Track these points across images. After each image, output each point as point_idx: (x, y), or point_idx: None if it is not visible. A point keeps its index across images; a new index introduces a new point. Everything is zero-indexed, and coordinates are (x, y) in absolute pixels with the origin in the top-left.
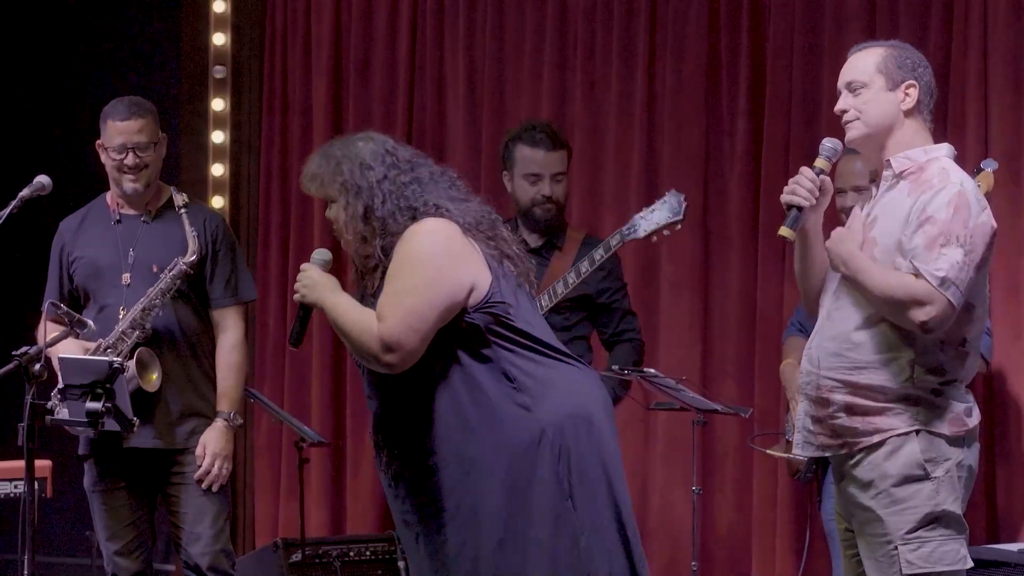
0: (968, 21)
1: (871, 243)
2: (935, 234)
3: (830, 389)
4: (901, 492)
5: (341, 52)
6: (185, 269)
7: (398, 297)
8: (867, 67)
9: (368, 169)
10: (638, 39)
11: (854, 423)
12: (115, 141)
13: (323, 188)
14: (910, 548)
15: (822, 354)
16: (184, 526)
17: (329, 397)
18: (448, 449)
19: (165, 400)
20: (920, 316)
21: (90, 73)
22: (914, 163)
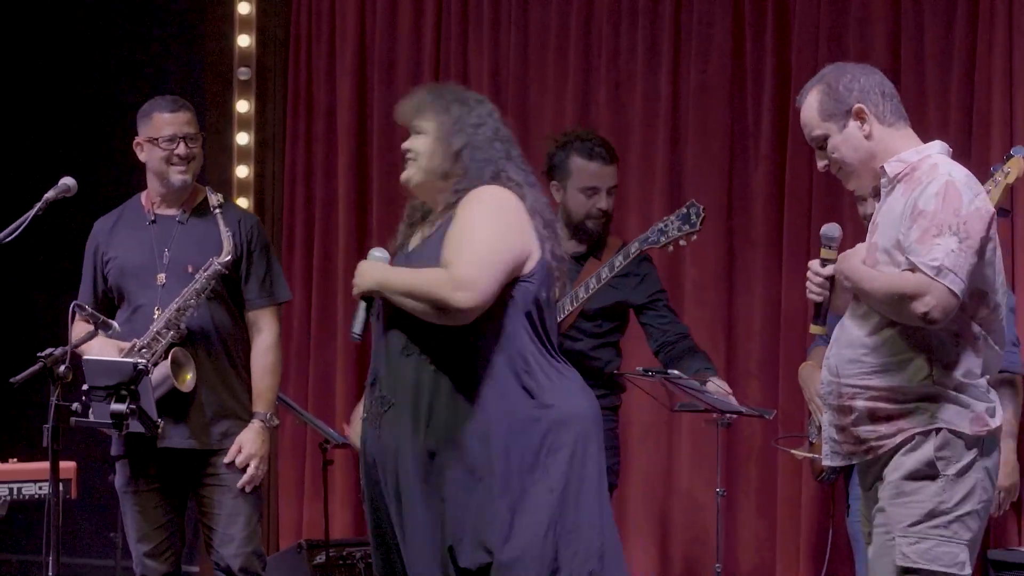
0: (993, 20)
1: (873, 248)
2: (927, 226)
3: (851, 396)
4: (908, 485)
5: (365, 53)
6: (220, 269)
7: (472, 243)
8: (813, 119)
9: (478, 122)
10: (663, 40)
11: (879, 428)
12: (165, 132)
13: (419, 117)
14: (908, 541)
15: (840, 362)
16: (217, 527)
17: (353, 398)
18: (481, 410)
19: (200, 400)
20: (920, 308)
21: (115, 75)
22: (907, 164)
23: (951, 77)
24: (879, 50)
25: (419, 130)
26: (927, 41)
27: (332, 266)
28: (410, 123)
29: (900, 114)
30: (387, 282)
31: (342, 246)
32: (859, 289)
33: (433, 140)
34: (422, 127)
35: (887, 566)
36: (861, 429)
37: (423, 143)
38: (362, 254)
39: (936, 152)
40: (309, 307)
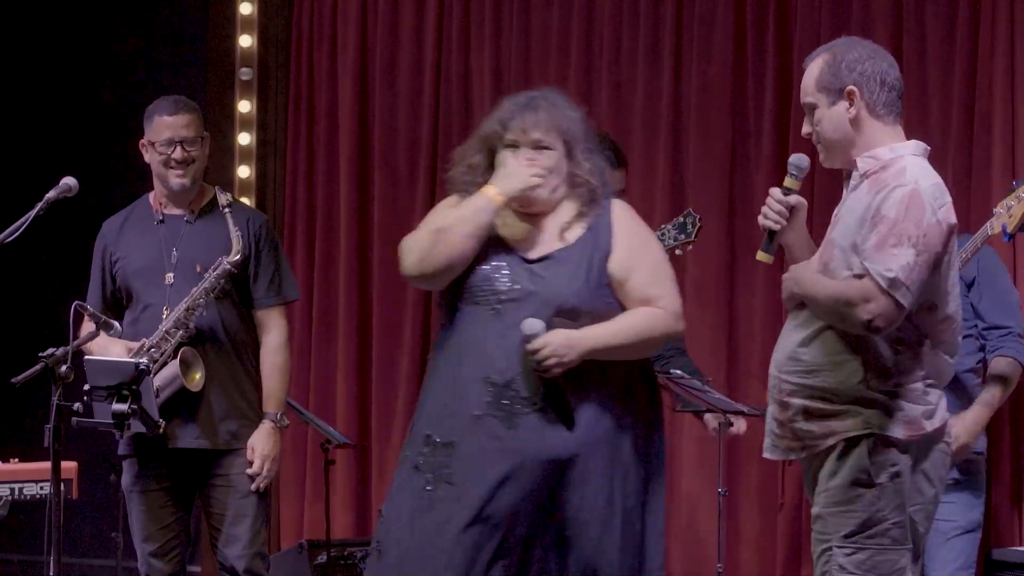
0: (995, 20)
1: (830, 244)
2: (887, 233)
3: (789, 393)
4: (844, 494)
5: (367, 53)
6: (229, 268)
7: (666, 273)
8: (809, 85)
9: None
10: (664, 41)
11: (811, 426)
12: (162, 135)
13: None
14: (844, 552)
15: (782, 358)
16: (222, 528)
17: (355, 399)
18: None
19: (208, 400)
20: (864, 315)
21: (117, 75)
22: (879, 162)
23: (953, 77)
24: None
25: (547, 145)
26: (929, 41)
27: (333, 266)
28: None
29: (894, 109)
30: (606, 343)
31: (343, 247)
32: (805, 295)
33: (559, 157)
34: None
35: (827, 573)
36: (797, 426)
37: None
38: (363, 254)
39: (910, 153)
40: (310, 307)
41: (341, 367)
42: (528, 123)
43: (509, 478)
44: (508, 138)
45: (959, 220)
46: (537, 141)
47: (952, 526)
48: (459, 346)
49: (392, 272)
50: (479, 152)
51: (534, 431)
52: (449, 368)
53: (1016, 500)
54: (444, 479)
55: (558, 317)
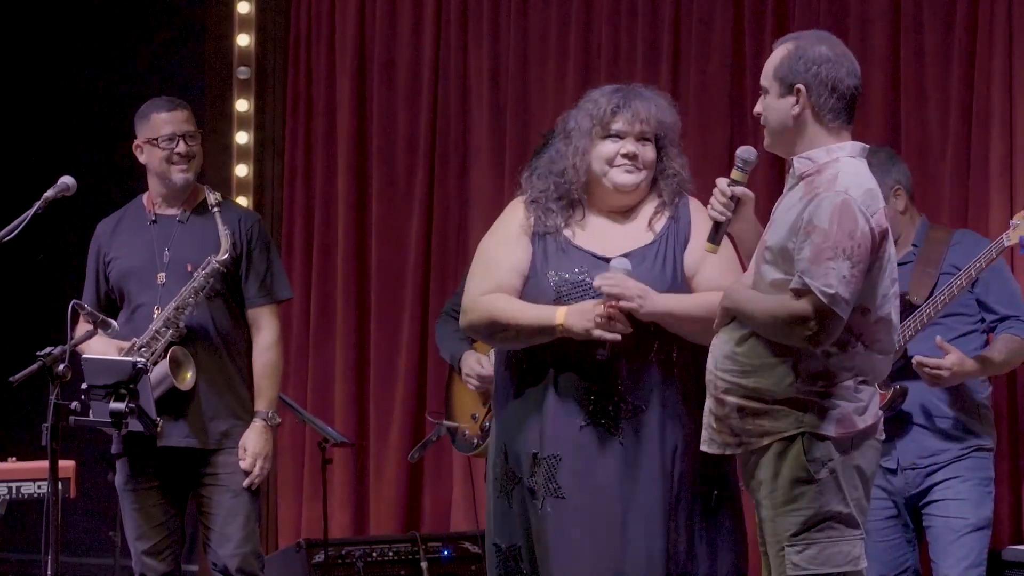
0: (993, 19)
1: (762, 245)
2: (822, 245)
3: (724, 391)
4: (787, 494)
5: (365, 52)
6: (218, 267)
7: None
8: (768, 69)
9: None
10: (662, 40)
11: (746, 424)
12: (164, 131)
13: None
14: (796, 550)
15: (719, 355)
16: (214, 527)
17: (352, 398)
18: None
19: (199, 399)
20: (807, 332)
21: (115, 74)
22: (815, 164)
23: (951, 75)
24: (879, 48)
25: (649, 137)
26: (927, 40)
27: (331, 265)
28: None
29: (841, 116)
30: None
31: (341, 246)
32: (742, 313)
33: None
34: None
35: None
36: (733, 423)
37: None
38: (361, 253)
39: (846, 155)
40: (308, 306)
41: (339, 366)
42: (637, 114)
43: (621, 482)
44: (615, 128)
45: (957, 217)
46: (643, 132)
47: (963, 523)
48: (554, 358)
49: (390, 271)
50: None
51: (641, 432)
52: (543, 382)
53: (1015, 499)
54: (552, 494)
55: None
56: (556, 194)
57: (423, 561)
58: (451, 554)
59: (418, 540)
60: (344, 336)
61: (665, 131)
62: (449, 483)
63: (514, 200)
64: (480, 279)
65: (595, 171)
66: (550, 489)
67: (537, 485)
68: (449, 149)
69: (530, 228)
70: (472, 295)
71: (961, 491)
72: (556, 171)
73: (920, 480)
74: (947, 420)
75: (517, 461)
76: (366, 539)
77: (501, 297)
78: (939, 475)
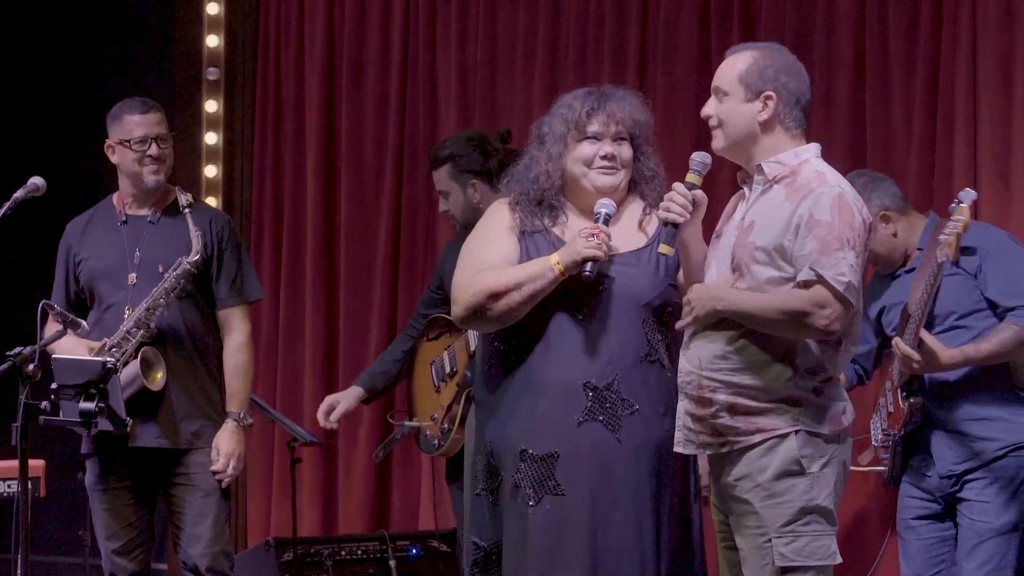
0: (958, 24)
1: (749, 247)
2: (827, 237)
3: (712, 389)
4: (778, 486)
5: (334, 54)
6: (189, 268)
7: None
8: (731, 75)
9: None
10: (629, 42)
11: (736, 422)
12: (136, 133)
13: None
14: (784, 541)
15: (705, 355)
16: (185, 527)
17: (321, 397)
18: None
19: (170, 399)
20: (821, 321)
21: (85, 75)
22: (786, 167)
23: (915, 77)
24: (845, 51)
25: (626, 137)
26: (892, 44)
27: (300, 265)
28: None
29: (802, 125)
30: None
31: (310, 245)
32: (740, 313)
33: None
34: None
35: (763, 568)
36: (720, 422)
37: (628, 152)
38: (330, 253)
39: (813, 156)
40: (277, 306)
41: (308, 366)
42: (613, 115)
43: (618, 479)
44: (591, 130)
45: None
46: (619, 133)
47: (986, 527)
48: (546, 352)
49: (359, 271)
50: (548, 160)
51: (637, 430)
52: (534, 377)
53: None
54: (551, 491)
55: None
56: (534, 199)
57: (391, 559)
58: (419, 552)
59: (387, 539)
60: (313, 335)
61: (640, 130)
62: (417, 482)
63: (496, 202)
64: (468, 272)
65: (574, 174)
66: (548, 487)
67: (526, 482)
68: (417, 149)
69: (517, 227)
70: (461, 282)
71: (988, 494)
72: (531, 177)
73: (955, 481)
74: (980, 421)
75: (501, 458)
76: (335, 538)
77: (490, 271)
78: (973, 475)
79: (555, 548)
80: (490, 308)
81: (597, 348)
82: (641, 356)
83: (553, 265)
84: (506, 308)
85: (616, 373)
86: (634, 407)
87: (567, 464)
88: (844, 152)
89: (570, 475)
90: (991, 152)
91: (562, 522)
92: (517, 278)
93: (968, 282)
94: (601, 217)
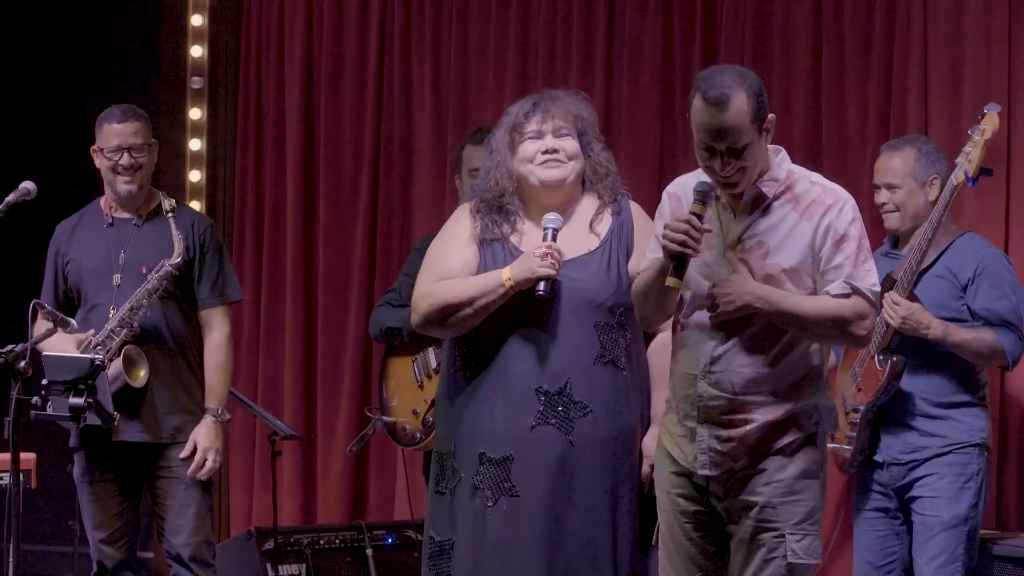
0: (909, 33)
1: (775, 269)
2: (855, 251)
3: (748, 411)
4: (797, 484)
5: (313, 63)
6: (170, 270)
7: None
8: (744, 123)
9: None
10: (596, 51)
11: (770, 435)
12: (111, 143)
13: (567, 120)
14: (796, 539)
15: (736, 380)
16: (167, 518)
17: (301, 393)
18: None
19: (152, 396)
20: (860, 331)
21: (74, 83)
22: (779, 182)
23: (869, 84)
24: (802, 60)
25: (568, 132)
26: (847, 53)
27: (281, 266)
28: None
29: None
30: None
31: (290, 247)
32: (784, 313)
33: (577, 144)
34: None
35: (772, 561)
36: (753, 438)
37: (572, 145)
38: (309, 254)
39: (787, 161)
40: (258, 305)
41: (288, 362)
42: (549, 111)
43: (572, 478)
44: (530, 129)
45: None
46: (559, 128)
47: (936, 521)
48: (502, 359)
49: (336, 271)
50: (497, 167)
51: (590, 430)
52: (492, 383)
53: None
54: (507, 493)
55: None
56: (493, 206)
57: (368, 548)
58: (394, 541)
59: (363, 528)
60: (293, 334)
61: (583, 124)
62: (393, 474)
63: (460, 207)
64: (428, 278)
65: (522, 173)
66: (504, 488)
67: (485, 484)
68: (393, 155)
69: (478, 235)
70: (421, 291)
71: (937, 488)
72: (487, 186)
73: (904, 474)
74: (929, 418)
75: (463, 459)
76: (314, 527)
77: (448, 282)
78: (920, 471)
79: (511, 547)
80: (444, 319)
81: (549, 353)
82: (594, 358)
83: (504, 281)
84: (458, 320)
85: (568, 377)
86: (587, 409)
87: (521, 466)
88: (802, 156)
89: (525, 477)
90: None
91: (517, 522)
92: (469, 293)
93: (955, 291)
94: (548, 234)
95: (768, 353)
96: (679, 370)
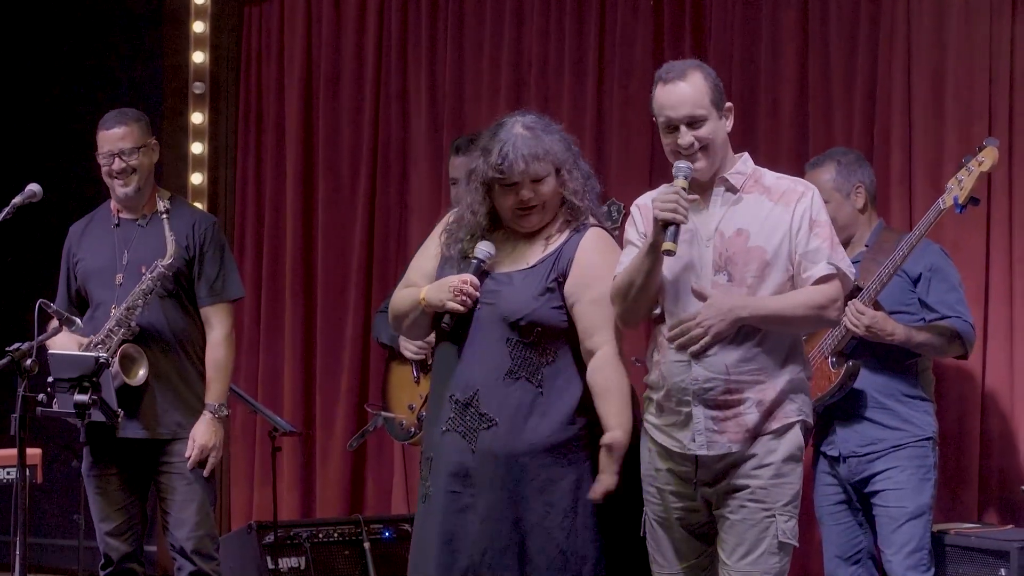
0: (893, 43)
1: (760, 253)
2: (828, 234)
3: (741, 390)
4: (785, 468)
5: (312, 69)
6: (163, 271)
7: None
8: (701, 98)
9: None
10: (588, 57)
11: (761, 415)
12: (104, 148)
13: (543, 163)
14: (784, 519)
15: (729, 360)
16: (171, 512)
17: (300, 390)
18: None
19: (153, 393)
20: (834, 313)
21: (79, 89)
22: (744, 175)
23: (855, 91)
24: (789, 67)
25: (543, 175)
26: (833, 62)
27: (280, 266)
28: (535, 174)
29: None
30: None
31: (289, 248)
32: (769, 316)
33: (553, 181)
34: (540, 172)
35: (763, 539)
36: (747, 418)
37: (549, 186)
38: (308, 255)
39: (751, 161)
40: (259, 304)
41: (287, 360)
42: (516, 166)
43: (472, 486)
44: (506, 183)
45: None
46: (535, 175)
47: (902, 512)
48: (437, 365)
49: (335, 272)
50: (476, 190)
51: (493, 443)
52: (433, 387)
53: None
54: (426, 491)
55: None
56: (465, 229)
57: (366, 542)
58: (392, 535)
59: (361, 522)
60: (292, 333)
61: (559, 160)
62: (390, 469)
63: (442, 219)
64: (399, 286)
65: (504, 215)
66: (425, 487)
67: (424, 481)
68: (390, 157)
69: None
70: (391, 297)
71: (900, 481)
72: (459, 214)
73: (862, 468)
74: (885, 411)
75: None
76: (313, 521)
77: (401, 291)
78: (879, 464)
79: (421, 545)
80: (398, 327)
81: (463, 364)
82: (504, 373)
83: (420, 299)
84: (406, 329)
85: (477, 388)
86: (492, 422)
87: (434, 469)
88: (789, 161)
89: (435, 480)
90: (924, 161)
91: (425, 521)
92: (404, 306)
93: (907, 286)
94: (473, 266)
95: (757, 333)
96: (668, 359)
